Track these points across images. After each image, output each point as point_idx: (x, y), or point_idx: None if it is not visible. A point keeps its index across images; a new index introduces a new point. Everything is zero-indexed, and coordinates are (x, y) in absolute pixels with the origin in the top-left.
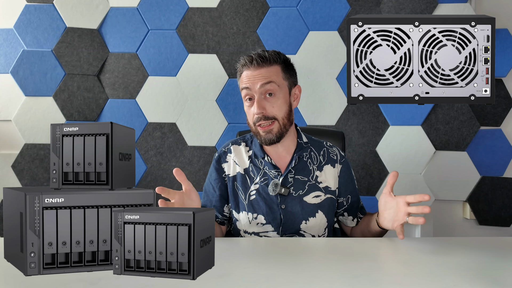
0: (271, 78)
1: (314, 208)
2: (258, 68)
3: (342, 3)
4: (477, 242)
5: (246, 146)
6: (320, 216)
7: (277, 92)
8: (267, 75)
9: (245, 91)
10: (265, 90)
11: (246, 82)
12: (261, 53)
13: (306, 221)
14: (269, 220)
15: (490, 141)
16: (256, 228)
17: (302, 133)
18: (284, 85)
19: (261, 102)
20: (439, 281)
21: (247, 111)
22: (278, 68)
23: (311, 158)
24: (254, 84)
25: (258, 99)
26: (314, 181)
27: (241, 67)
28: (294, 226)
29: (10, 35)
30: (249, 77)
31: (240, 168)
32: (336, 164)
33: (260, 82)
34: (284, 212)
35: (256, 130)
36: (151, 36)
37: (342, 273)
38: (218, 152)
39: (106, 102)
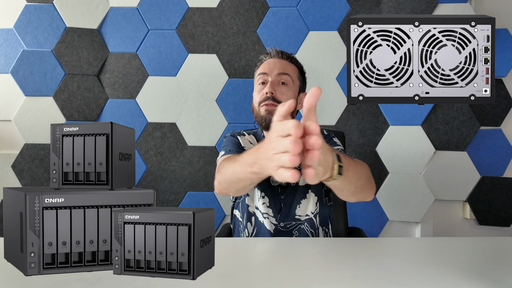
0: (288, 71)
1: (304, 189)
2: (280, 59)
3: (342, 3)
4: (477, 242)
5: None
6: (311, 196)
7: (290, 84)
8: (285, 67)
9: (261, 76)
10: (280, 78)
11: (265, 67)
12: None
13: (299, 204)
14: (271, 206)
15: (490, 141)
16: (262, 207)
17: None
18: (296, 84)
19: (274, 84)
20: (439, 281)
21: (256, 93)
22: (295, 68)
23: None
24: (271, 70)
25: (272, 81)
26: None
27: (264, 57)
28: (290, 213)
29: (10, 35)
30: (269, 63)
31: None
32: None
33: (277, 71)
34: (284, 202)
35: (259, 111)
36: (151, 36)
37: (342, 273)
38: (230, 132)
39: (106, 102)
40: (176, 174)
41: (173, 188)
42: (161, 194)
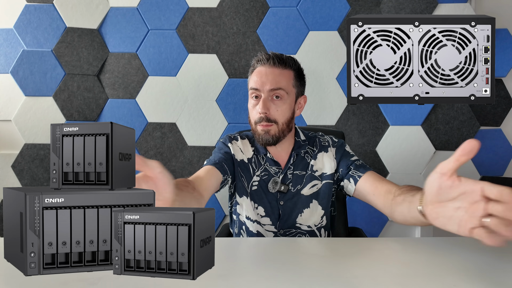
0: (281, 85)
1: (308, 199)
2: (272, 67)
3: (342, 3)
4: (477, 242)
5: (250, 143)
6: (314, 205)
7: (285, 97)
8: (278, 79)
9: (253, 91)
10: (274, 93)
11: (256, 81)
12: (278, 54)
13: (301, 213)
14: (269, 214)
15: (490, 141)
16: (257, 217)
17: (300, 130)
18: (292, 93)
19: (267, 102)
20: (439, 281)
21: (251, 108)
22: (291, 74)
23: (308, 153)
24: (263, 86)
25: (265, 98)
26: (311, 171)
27: (256, 63)
28: (290, 220)
29: (10, 35)
30: (261, 74)
31: (244, 156)
32: (329, 148)
33: (270, 87)
34: (282, 208)
35: (255, 128)
36: (151, 36)
37: (342, 273)
38: (223, 138)
39: (106, 102)
40: (176, 174)
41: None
42: None
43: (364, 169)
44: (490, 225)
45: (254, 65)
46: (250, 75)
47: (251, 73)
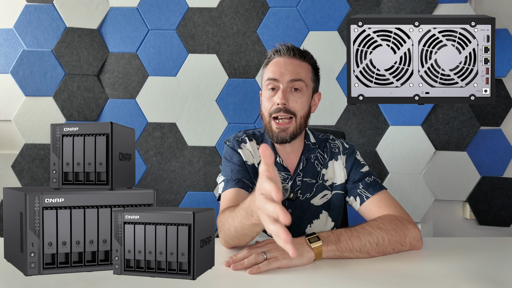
0: (301, 76)
1: (318, 209)
2: (292, 58)
3: (342, 3)
4: (477, 242)
5: (257, 144)
6: (324, 216)
7: (304, 90)
8: (298, 70)
9: (271, 81)
10: (293, 85)
11: (275, 71)
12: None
13: (310, 224)
14: None
15: (490, 141)
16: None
17: (310, 132)
18: (310, 87)
19: (286, 93)
20: (439, 281)
21: (266, 100)
22: (309, 67)
23: (318, 159)
24: (282, 76)
25: (284, 89)
26: (321, 180)
27: (273, 54)
28: (298, 230)
29: (10, 35)
30: (280, 65)
31: (255, 161)
32: (339, 156)
33: (290, 77)
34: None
35: (269, 123)
36: (151, 36)
37: (342, 273)
38: (231, 141)
39: (106, 102)
40: (176, 174)
41: (173, 188)
42: (161, 194)
43: (374, 189)
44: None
45: (270, 56)
46: (266, 67)
47: (267, 64)
